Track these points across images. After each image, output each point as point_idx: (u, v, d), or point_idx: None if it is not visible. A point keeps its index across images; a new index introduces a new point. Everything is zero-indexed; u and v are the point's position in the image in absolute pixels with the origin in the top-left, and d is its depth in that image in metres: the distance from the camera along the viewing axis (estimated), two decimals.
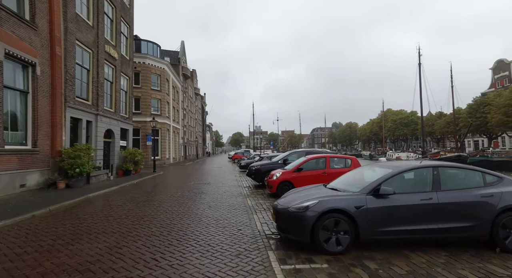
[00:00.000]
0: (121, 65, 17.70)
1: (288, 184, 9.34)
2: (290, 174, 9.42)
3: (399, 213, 4.23)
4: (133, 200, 8.85)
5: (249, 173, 12.42)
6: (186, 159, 44.07)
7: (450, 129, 64.78)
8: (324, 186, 5.57)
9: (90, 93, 13.86)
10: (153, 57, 28.74)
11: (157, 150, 29.48)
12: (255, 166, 12.23)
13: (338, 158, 9.96)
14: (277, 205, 5.03)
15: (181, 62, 41.55)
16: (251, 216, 6.72)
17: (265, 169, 11.91)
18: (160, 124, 29.44)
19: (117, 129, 16.94)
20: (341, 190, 4.81)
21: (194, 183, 13.45)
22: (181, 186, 12.32)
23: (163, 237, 5.01)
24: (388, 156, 53.55)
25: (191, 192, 10.57)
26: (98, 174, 12.78)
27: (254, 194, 10.36)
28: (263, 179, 11.83)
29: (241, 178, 16.11)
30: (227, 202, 8.57)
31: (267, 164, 12.20)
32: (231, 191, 10.87)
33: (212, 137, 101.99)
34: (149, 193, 10.32)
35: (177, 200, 8.85)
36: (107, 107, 15.85)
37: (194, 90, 55.86)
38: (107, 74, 15.87)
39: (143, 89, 27.94)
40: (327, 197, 4.50)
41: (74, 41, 12.11)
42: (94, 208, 7.62)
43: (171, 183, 13.54)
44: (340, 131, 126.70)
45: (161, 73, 29.93)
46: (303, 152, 12.53)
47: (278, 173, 9.54)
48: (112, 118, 16.13)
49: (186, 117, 44.91)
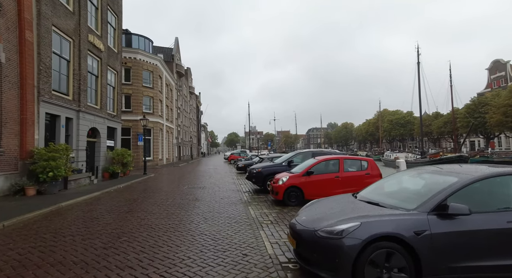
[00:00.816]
0: (108, 58, 16.22)
1: (296, 190, 8.07)
2: (298, 179, 8.14)
3: (477, 241, 2.97)
4: (113, 210, 7.46)
5: (249, 176, 11.11)
6: (180, 159, 42.52)
7: (448, 129, 64.52)
8: (354, 196, 4.31)
9: (71, 87, 12.38)
10: (145, 52, 27.21)
11: (149, 151, 27.97)
12: (256, 169, 10.92)
13: (352, 160, 8.71)
14: (296, 224, 3.72)
15: (175, 59, 40.01)
16: (257, 233, 5.41)
17: (268, 172, 10.62)
18: (152, 123, 27.91)
19: (103, 128, 15.47)
20: (386, 205, 3.53)
21: (187, 187, 12.08)
22: (172, 191, 10.95)
23: (141, 271, 3.66)
24: (386, 156, 52.72)
25: (183, 199, 9.21)
26: (78, 178, 11.32)
27: (256, 200, 9.05)
28: (265, 183, 10.55)
29: (239, 180, 14.79)
30: (226, 212, 7.25)
31: (269, 166, 10.91)
32: (230, 197, 9.54)
33: (207, 138, 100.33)
34: (134, 201, 8.92)
35: (166, 210, 7.48)
36: (91, 103, 14.37)
37: (188, 89, 54.30)
38: (91, 67, 14.39)
39: (134, 86, 26.41)
40: (371, 216, 3.21)
41: (50, 27, 10.64)
42: (62, 222, 6.21)
43: (161, 187, 12.15)
44: (336, 132, 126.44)
45: (154, 70, 28.42)
46: (309, 152, 11.28)
47: (285, 177, 8.25)
48: (97, 115, 14.65)
49: (180, 117, 43.37)
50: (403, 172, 4.64)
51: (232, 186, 12.50)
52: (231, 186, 12.50)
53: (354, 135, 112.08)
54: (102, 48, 14.94)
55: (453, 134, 57.69)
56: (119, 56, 18.14)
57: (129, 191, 11.10)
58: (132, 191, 11.09)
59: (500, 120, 40.79)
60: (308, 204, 4.55)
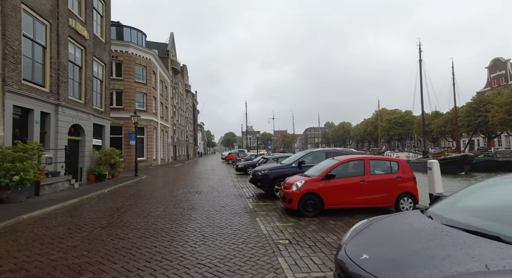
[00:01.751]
0: (94, 48, 14.62)
1: (314, 198, 6.63)
2: (316, 183, 6.69)
3: None
4: (87, 225, 5.94)
5: (254, 179, 9.64)
6: (176, 159, 40.88)
7: (448, 128, 63.81)
8: (428, 217, 2.84)
9: (48, 78, 10.80)
10: (138, 46, 25.57)
11: (143, 150, 26.37)
12: (261, 171, 9.44)
13: (380, 160, 7.28)
14: (354, 267, 2.25)
15: (170, 55, 38.36)
16: (275, 261, 3.94)
17: (275, 174, 9.15)
18: (145, 121, 26.30)
19: (88, 125, 13.87)
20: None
21: (182, 192, 10.58)
22: (164, 197, 9.44)
23: None
24: (386, 156, 51.62)
25: (177, 207, 7.71)
26: (54, 182, 9.74)
27: (263, 208, 7.59)
28: (272, 188, 9.09)
29: (240, 183, 13.32)
30: (229, 226, 5.78)
31: (277, 168, 9.43)
32: (232, 205, 8.07)
33: (203, 137, 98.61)
34: (117, 210, 7.40)
35: (154, 224, 5.98)
36: (74, 97, 12.78)
37: (184, 86, 52.64)
38: (74, 57, 12.80)
39: (126, 82, 24.76)
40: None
41: (18, 5, 9.05)
42: (7, 246, 4.66)
43: (152, 192, 10.63)
44: (334, 131, 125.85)
45: (147, 65, 26.79)
46: (322, 152, 9.84)
47: (300, 181, 6.80)
48: (81, 111, 13.06)
49: (176, 115, 41.73)
50: (495, 180, 3.20)
51: (233, 190, 11.03)
52: (232, 190, 11.02)
53: (351, 135, 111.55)
54: (86, 35, 13.34)
55: (454, 133, 56.86)
56: (107, 47, 16.54)
57: (114, 197, 9.55)
58: (117, 197, 9.55)
59: (503, 119, 39.92)
60: (357, 228, 3.06)
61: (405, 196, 6.83)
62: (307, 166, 9.25)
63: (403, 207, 6.83)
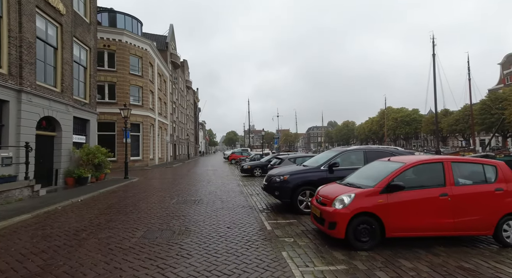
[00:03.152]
0: (74, 28, 12.34)
1: (370, 221, 4.30)
2: (373, 198, 4.36)
3: None
4: (8, 269, 3.65)
5: (270, 186, 7.28)
6: (176, 159, 38.63)
7: (459, 127, 61.36)
8: None
9: (5, 55, 8.51)
10: (133, 34, 23.28)
11: (138, 149, 24.12)
12: (279, 175, 7.09)
13: (466, 163, 4.89)
14: None
15: (169, 48, 36.05)
16: None
17: (299, 180, 6.81)
18: (141, 117, 24.04)
19: (66, 118, 11.60)
20: None
21: (177, 201, 8.27)
22: (151, 211, 7.14)
23: None
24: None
25: (165, 229, 5.41)
26: (6, 189, 7.46)
27: (287, 231, 5.27)
28: (294, 198, 6.76)
29: (247, 188, 11.00)
30: (244, 273, 3.47)
31: (300, 172, 7.06)
32: (242, 224, 5.75)
33: (205, 136, 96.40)
34: (73, 237, 5.08)
35: (117, 271, 3.68)
36: (45, 83, 10.50)
37: (185, 82, 50.35)
38: (45, 34, 10.51)
39: (119, 74, 22.48)
40: None
41: None
42: None
43: (138, 202, 8.35)
44: (337, 130, 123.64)
45: (143, 55, 24.50)
46: (357, 152, 7.46)
47: (347, 195, 4.46)
48: (55, 101, 10.80)
49: (175, 112, 39.47)
50: None
51: (240, 199, 8.71)
52: (239, 199, 8.71)
53: (355, 134, 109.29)
54: (62, 10, 11.04)
55: (469, 132, 54.22)
56: (92, 29, 14.24)
57: (85, 210, 7.25)
58: (88, 210, 7.25)
59: None
60: None
61: (510, 219, 4.48)
62: (341, 170, 6.93)
63: (508, 235, 4.48)
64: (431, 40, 37.53)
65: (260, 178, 15.25)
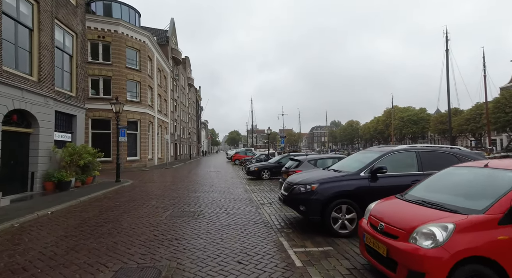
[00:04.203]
0: (57, 8, 10.65)
1: (485, 273, 2.52)
2: (489, 233, 2.58)
3: None
4: None
5: (290, 199, 5.46)
6: (177, 159, 37.00)
7: (471, 127, 59.26)
8: None
9: None
10: (130, 25, 21.62)
11: (136, 149, 22.47)
12: (305, 185, 5.28)
13: None
14: None
15: (170, 43, 34.38)
16: None
17: (331, 191, 5.01)
18: (139, 114, 22.38)
19: (45, 112, 9.93)
20: None
21: (170, 215, 6.53)
22: (134, 231, 5.40)
23: None
24: None
25: (144, 269, 3.64)
26: None
27: (327, 271, 3.50)
28: (326, 215, 4.97)
29: (257, 194, 9.22)
30: None
31: (333, 179, 5.25)
32: (257, 254, 3.96)
33: (207, 136, 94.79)
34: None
35: None
36: (16, 69, 8.82)
37: (187, 80, 48.70)
38: (17, 12, 8.83)
39: (115, 67, 20.82)
40: None
41: None
42: None
43: (121, 216, 6.62)
44: (341, 130, 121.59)
45: (141, 48, 22.84)
46: (409, 151, 5.65)
47: (440, 227, 2.68)
48: (30, 91, 9.12)
49: (176, 110, 37.82)
50: None
51: (250, 210, 6.94)
52: (249, 210, 6.94)
53: (360, 134, 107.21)
54: None
55: (483, 131, 52.16)
56: (79, 13, 12.56)
57: (46, 229, 5.53)
58: (52, 229, 5.53)
59: None
60: None
61: None
62: (388, 177, 5.16)
63: None
64: (444, 35, 35.53)
65: (269, 181, 13.49)
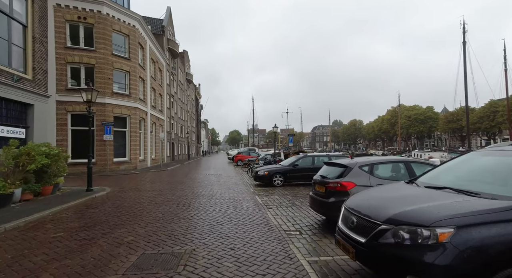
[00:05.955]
0: None
1: None
2: None
3: None
4: None
5: (378, 255, 2.55)
6: (174, 159, 34.05)
7: (484, 125, 56.45)
8: None
9: None
10: (117, 5, 18.69)
11: (124, 148, 19.55)
12: (417, 225, 2.40)
13: None
14: None
15: (166, 33, 31.46)
16: None
17: (499, 249, 2.13)
18: (128, 109, 19.44)
19: None
20: None
21: (133, 266, 3.60)
22: None
23: None
24: (414, 156, 44.09)
25: None
26: None
27: None
28: None
29: (275, 212, 6.26)
30: None
31: (479, 212, 2.40)
32: None
33: (207, 135, 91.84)
34: None
35: None
36: None
37: (185, 75, 45.75)
38: None
39: (98, 54, 17.89)
40: None
41: None
42: None
43: (47, 267, 3.69)
44: (344, 129, 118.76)
45: (130, 34, 19.91)
46: None
47: None
48: None
49: (174, 107, 34.89)
50: None
51: (274, 250, 3.96)
52: (271, 249, 3.95)
53: (363, 133, 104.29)
54: None
55: (509, 128, 49.00)
56: None
57: None
58: None
59: None
60: None
61: None
62: None
63: None
64: (461, 26, 32.52)
65: (283, 189, 10.55)
